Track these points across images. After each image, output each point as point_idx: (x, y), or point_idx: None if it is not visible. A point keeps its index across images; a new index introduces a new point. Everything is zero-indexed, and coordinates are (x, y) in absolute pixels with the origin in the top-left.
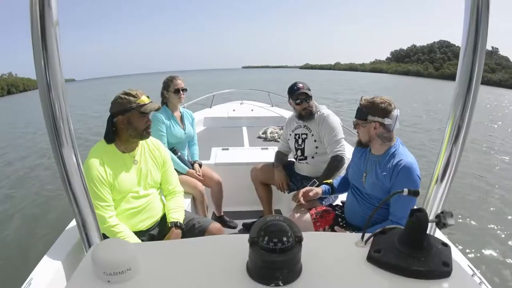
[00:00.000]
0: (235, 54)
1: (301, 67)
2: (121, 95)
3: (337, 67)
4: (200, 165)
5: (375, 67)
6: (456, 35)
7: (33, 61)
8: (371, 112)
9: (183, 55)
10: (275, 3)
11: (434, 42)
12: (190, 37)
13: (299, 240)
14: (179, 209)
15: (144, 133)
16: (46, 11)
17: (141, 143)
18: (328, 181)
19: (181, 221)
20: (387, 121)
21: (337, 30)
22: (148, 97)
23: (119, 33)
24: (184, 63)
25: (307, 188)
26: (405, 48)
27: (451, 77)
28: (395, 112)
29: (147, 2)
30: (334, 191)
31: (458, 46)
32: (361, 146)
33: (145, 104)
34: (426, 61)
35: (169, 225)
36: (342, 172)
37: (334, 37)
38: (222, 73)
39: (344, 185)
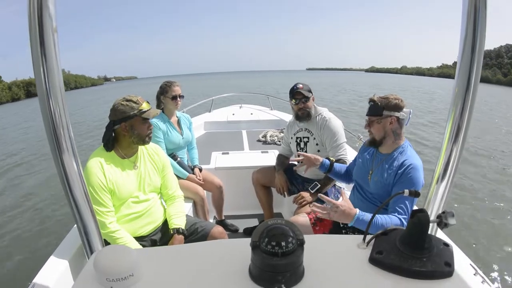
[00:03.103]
0: (299, 56)
1: (367, 70)
2: (122, 102)
3: (403, 70)
4: (200, 170)
5: (442, 72)
6: None
7: (32, 68)
8: (386, 107)
9: (243, 56)
10: (342, 6)
11: (501, 46)
12: (252, 38)
13: (301, 243)
14: (180, 214)
15: (147, 139)
16: (45, 18)
17: (141, 148)
18: (331, 158)
19: (183, 227)
20: (401, 115)
21: (404, 33)
22: (148, 102)
23: (182, 32)
24: (246, 64)
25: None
26: None
27: None
28: (407, 109)
29: (210, 2)
30: (331, 170)
31: None
32: (373, 146)
33: (147, 110)
34: (494, 67)
35: (171, 232)
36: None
37: (401, 39)
38: (286, 74)
39: (343, 174)
